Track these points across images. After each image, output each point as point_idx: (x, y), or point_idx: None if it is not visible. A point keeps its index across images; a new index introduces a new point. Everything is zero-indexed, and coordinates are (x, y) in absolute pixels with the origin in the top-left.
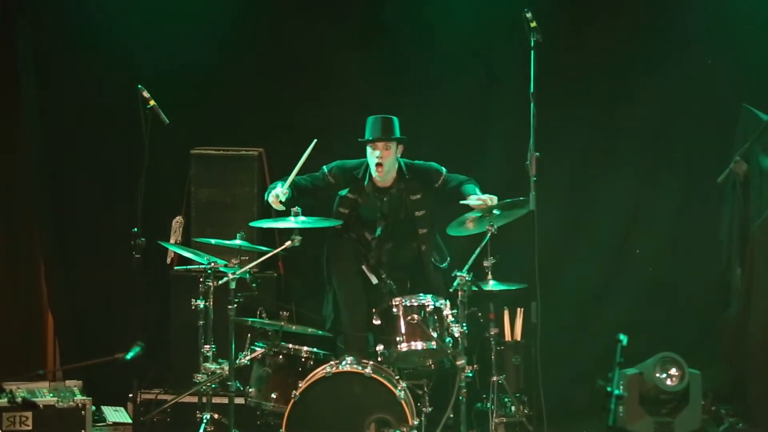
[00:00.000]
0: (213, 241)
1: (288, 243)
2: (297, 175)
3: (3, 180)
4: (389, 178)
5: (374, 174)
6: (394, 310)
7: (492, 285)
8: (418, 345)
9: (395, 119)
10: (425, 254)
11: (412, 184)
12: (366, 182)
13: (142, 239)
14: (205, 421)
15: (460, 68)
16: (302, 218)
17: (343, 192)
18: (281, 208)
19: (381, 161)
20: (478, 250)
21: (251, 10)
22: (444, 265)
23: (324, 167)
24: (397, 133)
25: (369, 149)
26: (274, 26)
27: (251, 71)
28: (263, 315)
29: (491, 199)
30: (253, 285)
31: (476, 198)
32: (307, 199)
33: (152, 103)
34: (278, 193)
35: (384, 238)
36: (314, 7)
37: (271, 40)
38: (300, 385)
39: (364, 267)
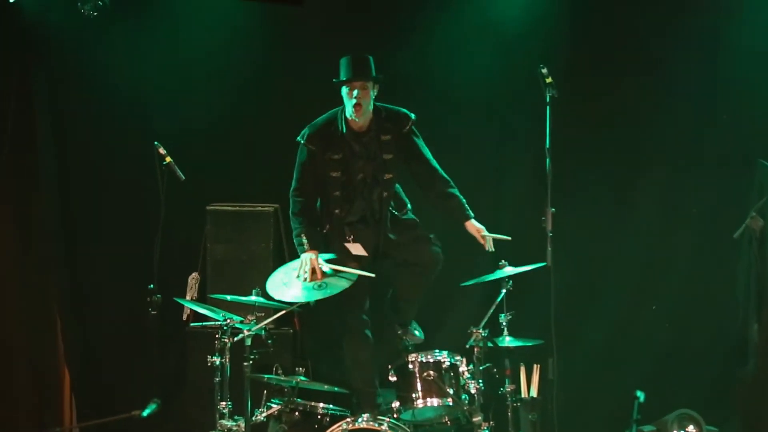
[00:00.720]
0: (229, 297)
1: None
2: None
3: (20, 238)
4: (366, 120)
5: (351, 115)
6: (410, 366)
7: (508, 341)
8: (435, 402)
9: (371, 58)
10: (385, 201)
11: (385, 125)
12: (345, 131)
13: (158, 296)
14: None
15: (476, 123)
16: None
17: (329, 153)
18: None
19: (359, 100)
20: (494, 306)
21: (266, 69)
22: (406, 216)
23: (299, 139)
24: (374, 72)
25: (345, 90)
26: (289, 86)
27: (266, 128)
28: (279, 371)
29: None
30: (269, 342)
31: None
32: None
33: (168, 159)
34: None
35: (371, 184)
36: (330, 65)
37: (286, 99)
38: None
39: (347, 244)
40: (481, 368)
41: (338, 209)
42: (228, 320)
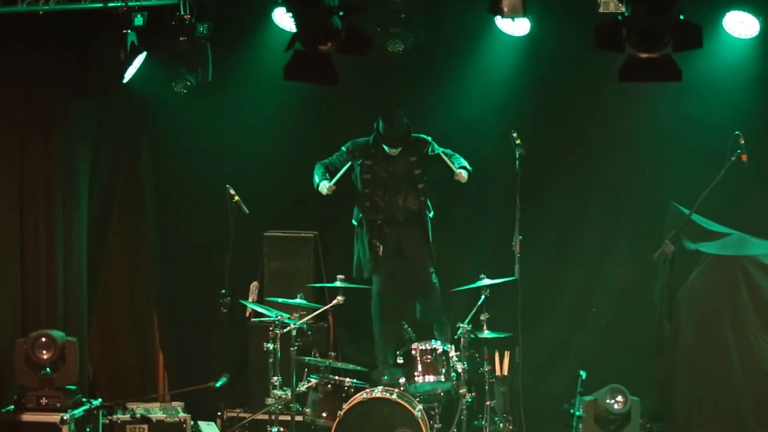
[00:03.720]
0: (280, 300)
1: (335, 301)
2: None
3: (130, 254)
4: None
5: (387, 151)
6: (413, 352)
7: (486, 333)
8: (431, 378)
9: (405, 119)
10: (423, 204)
11: (411, 149)
12: (379, 150)
13: (228, 298)
14: None
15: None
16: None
17: (359, 161)
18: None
19: (393, 153)
20: (475, 308)
21: (309, 127)
22: (431, 214)
23: (343, 147)
24: (410, 133)
25: (386, 146)
26: (321, 144)
27: (308, 175)
28: (316, 355)
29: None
30: (309, 333)
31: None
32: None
33: (236, 198)
34: (328, 186)
35: (394, 191)
36: (351, 126)
37: (322, 149)
38: (344, 406)
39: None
40: (466, 353)
41: (368, 202)
42: (279, 317)
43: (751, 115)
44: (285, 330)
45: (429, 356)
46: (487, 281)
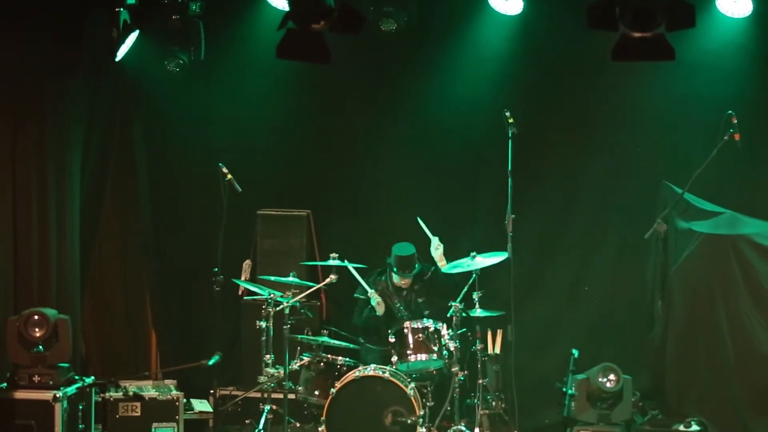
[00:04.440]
0: (273, 278)
1: (328, 279)
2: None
3: (122, 232)
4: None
5: (397, 282)
6: (405, 330)
7: (479, 312)
8: (423, 356)
9: (415, 253)
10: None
11: (416, 279)
12: (390, 284)
13: (221, 277)
14: (266, 410)
15: (456, 151)
16: (337, 261)
17: (383, 278)
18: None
19: (405, 284)
20: (467, 286)
21: (301, 110)
22: (438, 326)
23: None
24: (417, 266)
25: (395, 274)
26: (317, 122)
27: (300, 154)
28: (309, 333)
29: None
30: (302, 311)
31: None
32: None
33: (229, 176)
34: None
35: (402, 310)
36: (347, 111)
37: (316, 132)
38: (336, 384)
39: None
40: (458, 332)
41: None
42: (272, 295)
43: (744, 95)
44: (278, 308)
45: (421, 334)
46: (479, 260)
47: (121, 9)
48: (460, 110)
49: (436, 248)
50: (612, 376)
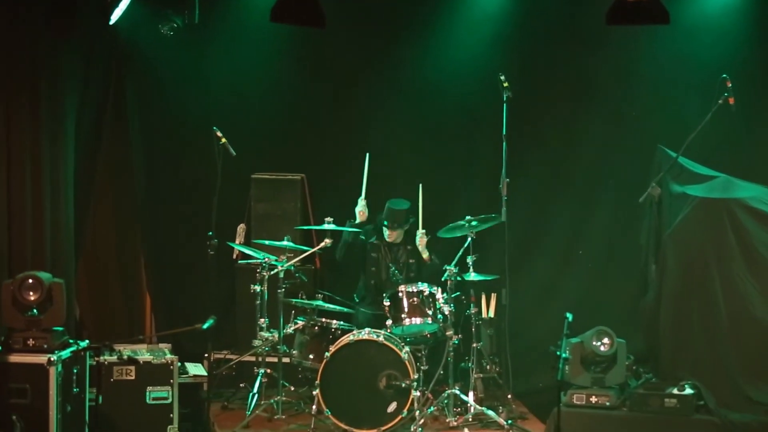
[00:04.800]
0: (267, 242)
1: (322, 243)
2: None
3: (115, 196)
4: (399, 240)
5: (387, 239)
6: (400, 294)
7: (473, 276)
8: (418, 320)
9: (407, 209)
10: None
11: (409, 239)
12: (382, 240)
13: (216, 240)
14: (260, 374)
15: (450, 115)
16: (332, 225)
17: (373, 239)
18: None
19: (394, 237)
20: (462, 250)
21: (296, 72)
22: (432, 290)
23: (361, 236)
24: (406, 220)
25: (385, 228)
26: (312, 84)
27: (295, 117)
28: (303, 297)
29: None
30: (296, 275)
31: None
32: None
33: (223, 140)
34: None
35: (392, 279)
36: (341, 73)
37: (311, 94)
38: (330, 348)
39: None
40: (452, 296)
41: (373, 281)
42: (266, 259)
43: (740, 58)
44: (272, 272)
45: (416, 298)
46: (474, 224)
47: None
48: (454, 74)
49: (420, 239)
50: (606, 340)
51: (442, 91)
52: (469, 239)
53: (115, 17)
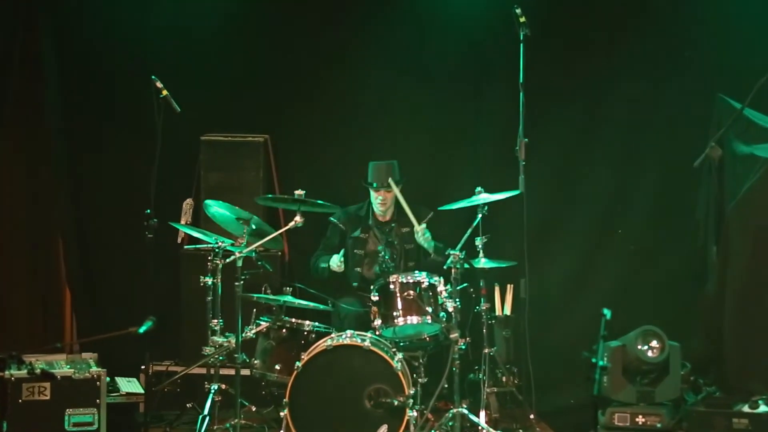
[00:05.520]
0: (228, 211)
1: (292, 223)
2: None
3: (26, 164)
4: (389, 213)
5: (377, 210)
6: (391, 286)
7: (483, 262)
8: (414, 320)
9: (395, 165)
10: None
11: (405, 218)
12: (370, 220)
13: (155, 220)
14: (213, 391)
15: (454, 61)
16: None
17: (356, 233)
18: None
19: (383, 201)
20: (470, 230)
21: (257, 5)
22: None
23: (331, 218)
24: (397, 177)
25: (372, 192)
26: (278, 21)
27: (257, 61)
28: (268, 291)
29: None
30: (259, 263)
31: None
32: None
33: (165, 92)
34: (338, 260)
35: (386, 270)
36: (315, 4)
37: (276, 33)
38: (302, 357)
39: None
40: (458, 288)
41: (356, 283)
42: (220, 243)
43: None
44: (228, 260)
45: (412, 291)
46: (485, 197)
47: None
48: (459, 7)
49: (420, 233)
50: (654, 343)
51: (445, 27)
52: (479, 216)
53: None
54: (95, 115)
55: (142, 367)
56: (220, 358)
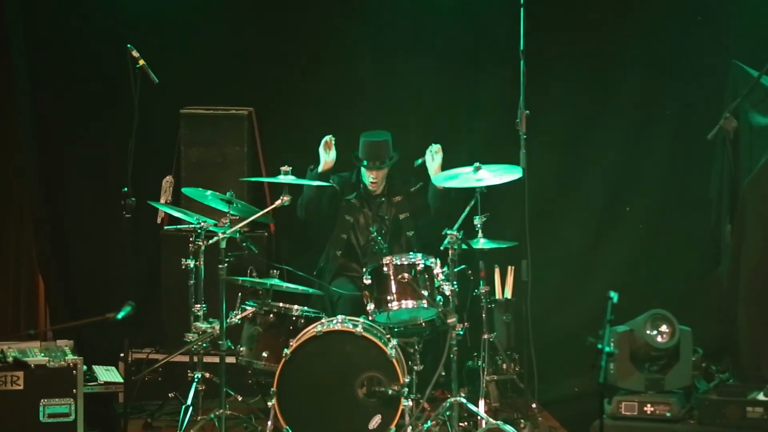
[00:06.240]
0: (209, 192)
1: (279, 201)
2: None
3: None
4: (381, 188)
5: (369, 186)
6: (385, 269)
7: (482, 243)
8: (409, 304)
9: (389, 140)
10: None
11: (396, 186)
12: (361, 188)
13: (132, 199)
14: (196, 380)
15: (448, 27)
16: (291, 177)
17: (350, 196)
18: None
19: (375, 179)
20: (468, 208)
21: None
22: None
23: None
24: (390, 153)
25: (364, 169)
26: None
27: (241, 30)
28: (254, 274)
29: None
30: (244, 244)
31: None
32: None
33: (141, 62)
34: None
35: (380, 240)
36: None
37: (263, 2)
38: (291, 343)
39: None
40: (455, 270)
41: (340, 251)
42: (202, 223)
43: None
44: (210, 241)
45: (406, 274)
46: (483, 173)
47: None
48: None
49: (434, 157)
50: (664, 328)
51: None
52: (477, 194)
53: None
54: (68, 88)
55: (121, 354)
56: (204, 345)
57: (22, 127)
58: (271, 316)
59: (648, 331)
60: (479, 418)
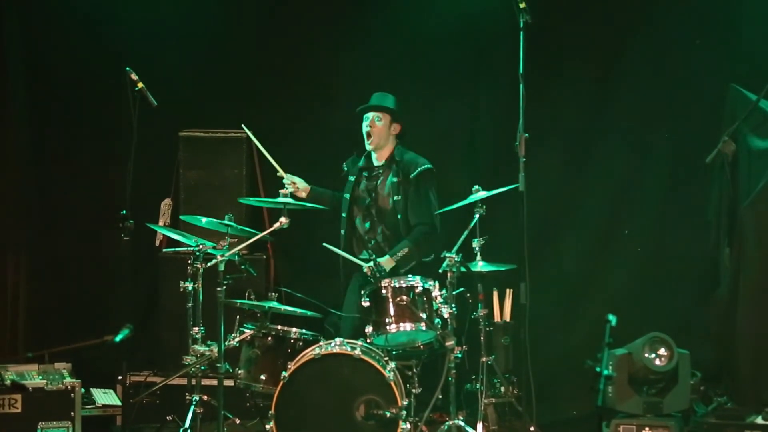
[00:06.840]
0: (204, 219)
1: (277, 224)
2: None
3: None
4: (384, 154)
5: (366, 145)
6: (383, 291)
7: (481, 266)
8: (407, 326)
9: (392, 96)
10: (385, 239)
11: (397, 167)
12: (362, 162)
13: (131, 221)
14: (194, 403)
15: (450, 49)
16: (290, 199)
17: (352, 177)
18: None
19: (370, 130)
20: (466, 231)
21: None
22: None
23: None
24: (390, 105)
25: (363, 122)
26: (263, 11)
27: (239, 54)
28: (252, 296)
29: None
30: (242, 267)
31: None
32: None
33: (140, 85)
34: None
35: (369, 217)
36: None
37: (259, 25)
38: (289, 366)
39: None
40: (454, 293)
41: (343, 230)
42: (201, 246)
43: None
44: (209, 264)
45: (405, 297)
46: (482, 194)
47: None
48: None
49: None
50: (663, 351)
51: (440, 14)
52: (476, 216)
53: None
54: (66, 110)
55: (119, 377)
56: (202, 368)
57: (20, 153)
58: (270, 338)
59: (646, 354)
60: None
